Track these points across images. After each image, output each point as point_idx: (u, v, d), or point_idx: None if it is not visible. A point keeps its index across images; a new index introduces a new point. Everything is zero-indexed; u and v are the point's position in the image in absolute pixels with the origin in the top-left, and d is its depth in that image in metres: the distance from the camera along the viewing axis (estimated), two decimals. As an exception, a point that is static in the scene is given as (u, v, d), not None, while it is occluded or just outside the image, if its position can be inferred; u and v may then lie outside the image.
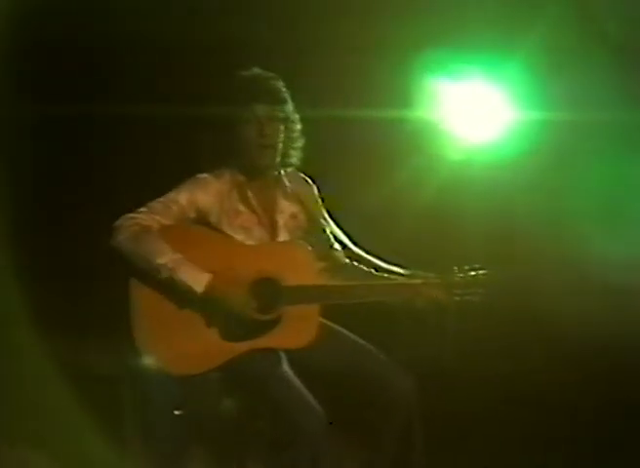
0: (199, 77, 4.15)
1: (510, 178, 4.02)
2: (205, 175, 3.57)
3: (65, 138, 4.36)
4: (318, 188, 3.72)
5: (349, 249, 3.68)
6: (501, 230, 4.13)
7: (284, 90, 3.56)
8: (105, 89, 4.25)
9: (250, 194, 3.58)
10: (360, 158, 4.26)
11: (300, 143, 3.62)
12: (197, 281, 3.38)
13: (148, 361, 3.45)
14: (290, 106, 3.57)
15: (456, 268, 3.54)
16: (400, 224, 4.24)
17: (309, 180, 3.73)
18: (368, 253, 3.65)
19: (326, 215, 3.69)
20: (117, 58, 4.22)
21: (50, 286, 4.17)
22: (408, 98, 3.96)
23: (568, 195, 3.96)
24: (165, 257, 3.38)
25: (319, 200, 3.71)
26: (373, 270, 3.62)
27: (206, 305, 3.41)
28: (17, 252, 4.10)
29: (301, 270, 3.48)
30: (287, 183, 3.64)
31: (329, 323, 3.59)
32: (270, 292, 3.43)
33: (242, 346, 3.44)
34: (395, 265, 3.59)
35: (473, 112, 4.01)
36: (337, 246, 3.67)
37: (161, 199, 3.51)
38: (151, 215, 3.46)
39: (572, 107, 3.74)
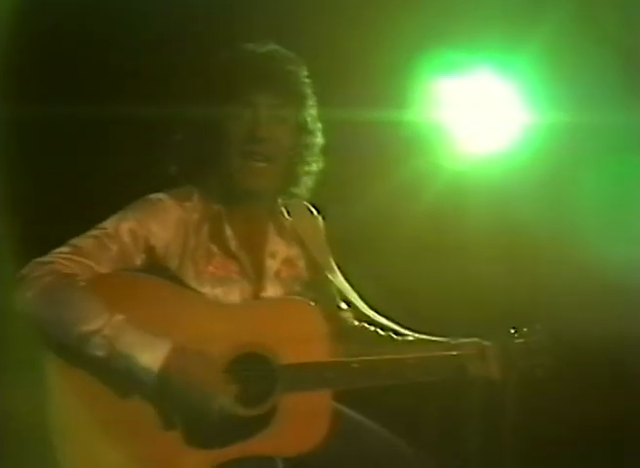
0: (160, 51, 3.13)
1: (522, 188, 3.51)
2: (161, 195, 2.49)
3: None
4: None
5: (357, 308, 2.65)
6: (517, 254, 3.56)
7: (303, 77, 2.48)
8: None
9: (228, 229, 2.50)
10: (352, 165, 3.46)
11: (315, 166, 2.55)
12: (150, 354, 2.27)
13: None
14: (310, 106, 2.50)
15: (513, 331, 2.58)
16: (397, 247, 3.55)
17: (314, 210, 2.67)
18: (381, 314, 2.64)
19: (332, 262, 2.64)
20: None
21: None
22: (406, 100, 3.47)
23: (586, 205, 3.47)
24: (98, 321, 2.26)
25: (324, 239, 2.66)
26: (392, 334, 2.61)
27: (164, 394, 2.29)
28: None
29: (305, 340, 2.42)
30: (284, 215, 2.59)
31: (343, 409, 2.54)
32: (259, 375, 2.38)
33: (219, 455, 2.34)
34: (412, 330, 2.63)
35: (477, 115, 3.57)
36: (342, 304, 2.67)
37: (92, 232, 2.41)
38: (76, 258, 2.35)
39: (582, 109, 3.39)
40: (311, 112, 2.52)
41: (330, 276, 2.59)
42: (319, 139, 2.54)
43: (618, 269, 3.34)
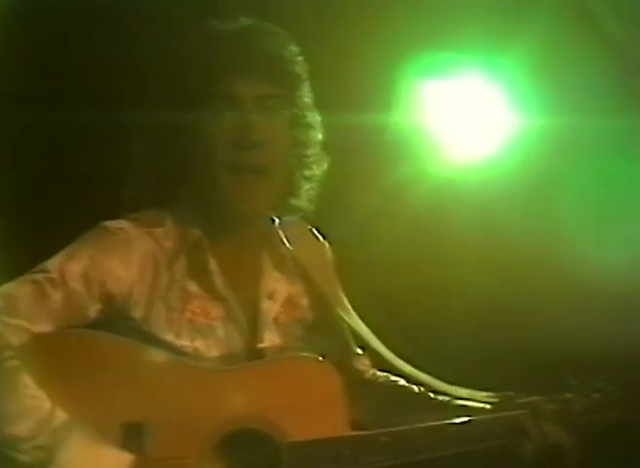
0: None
1: (511, 192, 3.31)
2: (123, 222, 1.94)
3: None
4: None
5: (376, 355, 2.14)
6: (505, 260, 3.29)
7: (294, 54, 1.97)
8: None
9: (212, 261, 1.95)
10: (334, 170, 3.02)
11: (318, 170, 2.03)
12: None
13: None
14: (306, 93, 1.99)
15: (574, 381, 2.09)
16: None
17: (319, 236, 2.15)
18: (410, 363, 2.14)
19: (344, 298, 2.11)
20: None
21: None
22: (391, 103, 3.26)
23: (576, 210, 3.28)
24: (31, 423, 1.72)
25: (333, 270, 2.15)
26: (418, 387, 2.12)
27: None
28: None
29: (316, 410, 1.90)
30: (283, 241, 2.05)
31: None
32: (259, 458, 1.86)
33: None
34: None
35: (465, 119, 3.40)
36: (358, 350, 2.17)
37: (32, 276, 1.87)
38: (5, 319, 1.80)
39: (572, 113, 3.26)
40: (308, 100, 2.00)
41: (343, 315, 2.07)
42: (320, 135, 2.03)
43: (609, 275, 3.12)
